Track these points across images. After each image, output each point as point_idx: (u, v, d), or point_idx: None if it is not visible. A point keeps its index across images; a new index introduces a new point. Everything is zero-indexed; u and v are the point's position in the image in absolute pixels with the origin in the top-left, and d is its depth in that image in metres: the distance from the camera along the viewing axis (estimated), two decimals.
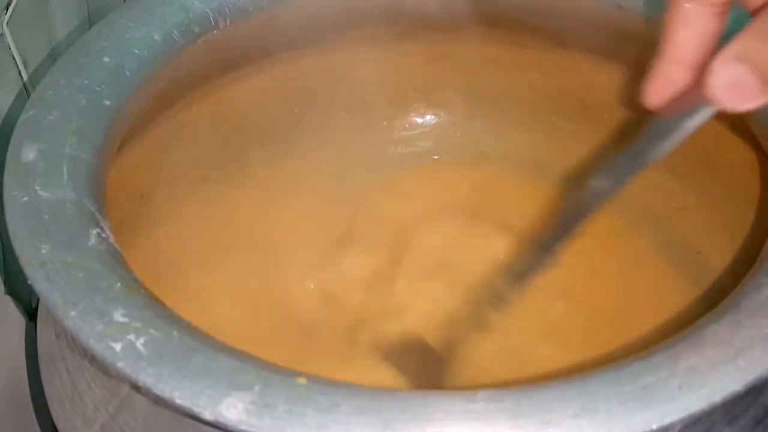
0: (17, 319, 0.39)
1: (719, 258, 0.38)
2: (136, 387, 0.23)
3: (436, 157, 0.46)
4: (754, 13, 0.26)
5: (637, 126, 0.42)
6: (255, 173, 0.43)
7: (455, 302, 0.39)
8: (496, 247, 0.41)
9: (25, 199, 0.27)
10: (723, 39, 0.27)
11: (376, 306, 0.39)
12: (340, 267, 0.41)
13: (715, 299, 0.25)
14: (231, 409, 0.22)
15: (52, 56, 0.41)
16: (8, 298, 0.38)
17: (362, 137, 0.46)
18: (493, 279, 0.37)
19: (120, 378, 0.25)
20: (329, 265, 0.41)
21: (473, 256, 0.41)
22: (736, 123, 0.36)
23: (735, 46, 0.25)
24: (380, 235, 0.43)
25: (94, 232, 0.27)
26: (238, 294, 0.40)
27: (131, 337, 0.23)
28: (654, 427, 0.21)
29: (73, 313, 0.24)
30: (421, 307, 0.39)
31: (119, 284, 0.25)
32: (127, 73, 0.33)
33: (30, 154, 0.29)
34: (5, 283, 0.38)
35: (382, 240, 0.42)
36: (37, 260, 0.25)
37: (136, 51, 0.34)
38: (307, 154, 0.45)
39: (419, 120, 0.46)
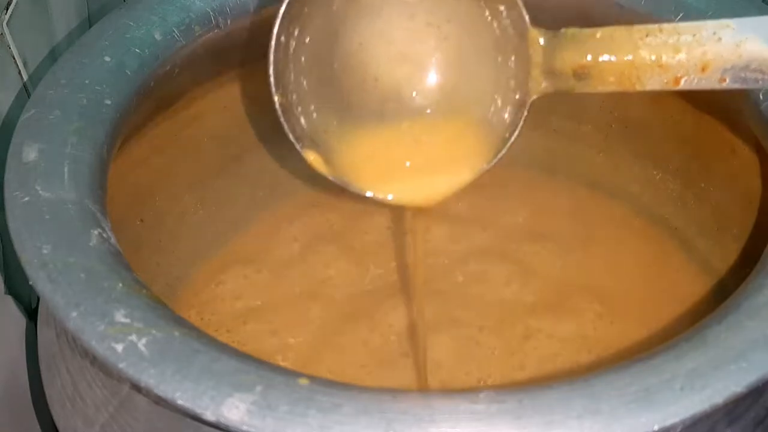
0: (17, 319, 0.39)
1: (720, 259, 0.38)
2: (137, 388, 0.23)
3: None
4: None
5: (638, 127, 0.42)
6: (255, 173, 0.43)
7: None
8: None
9: (26, 199, 0.27)
10: None
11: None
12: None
13: (716, 301, 0.25)
14: (233, 409, 0.22)
15: (52, 56, 0.41)
16: (8, 298, 0.38)
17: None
18: None
19: (121, 379, 0.25)
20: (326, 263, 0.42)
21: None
22: (737, 123, 0.36)
23: None
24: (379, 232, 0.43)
25: (96, 232, 0.27)
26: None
27: (133, 337, 0.23)
28: (656, 428, 0.21)
29: (74, 314, 0.24)
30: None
31: (121, 285, 0.25)
32: (128, 73, 0.33)
33: (31, 154, 0.29)
34: (5, 283, 0.38)
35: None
36: (38, 261, 0.25)
37: (137, 50, 0.33)
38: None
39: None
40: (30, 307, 0.40)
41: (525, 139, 0.44)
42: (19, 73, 0.39)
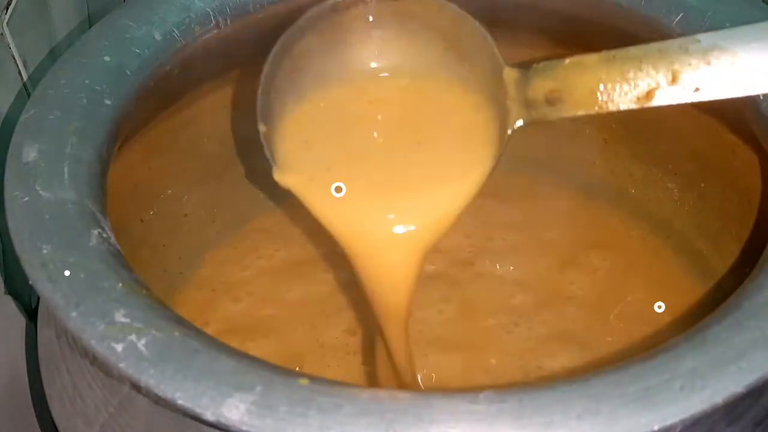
0: (17, 319, 0.39)
1: (720, 259, 0.38)
2: (137, 388, 0.23)
3: None
4: None
5: (638, 127, 0.42)
6: (255, 173, 0.43)
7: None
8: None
9: (26, 199, 0.27)
10: None
11: None
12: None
13: (716, 301, 0.25)
14: (233, 410, 0.22)
15: (52, 56, 0.41)
16: (8, 298, 0.38)
17: None
18: None
19: (121, 379, 0.25)
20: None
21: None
22: (737, 123, 0.36)
23: None
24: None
25: (95, 232, 0.27)
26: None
27: (133, 337, 0.23)
28: (656, 428, 0.21)
29: (74, 314, 0.24)
30: None
31: (121, 285, 0.25)
32: (128, 73, 0.33)
33: (31, 154, 0.29)
34: (5, 283, 0.38)
35: None
36: (38, 261, 0.25)
37: (137, 50, 0.33)
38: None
39: None
40: (30, 307, 0.40)
41: (525, 140, 0.45)
42: (19, 73, 0.39)
